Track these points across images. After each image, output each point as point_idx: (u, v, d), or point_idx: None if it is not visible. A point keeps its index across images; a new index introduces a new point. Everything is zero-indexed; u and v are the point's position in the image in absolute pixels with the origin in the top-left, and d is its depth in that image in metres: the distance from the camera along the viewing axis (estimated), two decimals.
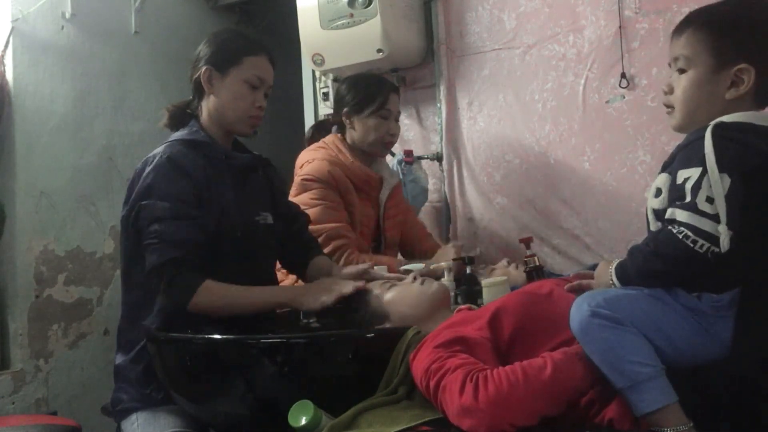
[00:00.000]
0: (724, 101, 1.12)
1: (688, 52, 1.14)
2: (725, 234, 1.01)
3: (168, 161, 1.55)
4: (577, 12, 2.31)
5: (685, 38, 1.15)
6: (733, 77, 1.11)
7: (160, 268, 1.47)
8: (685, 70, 1.15)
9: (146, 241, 1.50)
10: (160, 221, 1.50)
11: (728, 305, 1.06)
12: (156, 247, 1.48)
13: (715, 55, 1.12)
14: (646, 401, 1.01)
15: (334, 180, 2.04)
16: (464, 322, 1.24)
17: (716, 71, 1.12)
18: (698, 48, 1.13)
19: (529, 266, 1.71)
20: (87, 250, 2.69)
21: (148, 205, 1.51)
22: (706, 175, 1.03)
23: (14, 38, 2.44)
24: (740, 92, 1.11)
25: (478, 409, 1.00)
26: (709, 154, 1.03)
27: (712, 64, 1.12)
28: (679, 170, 1.08)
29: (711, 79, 1.13)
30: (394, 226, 2.24)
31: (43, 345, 2.51)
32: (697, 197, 1.03)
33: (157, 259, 1.48)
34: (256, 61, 1.68)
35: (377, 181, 2.18)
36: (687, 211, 1.04)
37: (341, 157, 2.10)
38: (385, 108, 2.12)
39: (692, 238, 1.02)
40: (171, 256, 1.48)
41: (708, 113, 1.12)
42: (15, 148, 2.45)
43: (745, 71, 1.10)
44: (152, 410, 1.53)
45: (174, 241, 1.49)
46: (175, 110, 1.73)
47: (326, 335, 1.46)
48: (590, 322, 1.06)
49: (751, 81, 1.09)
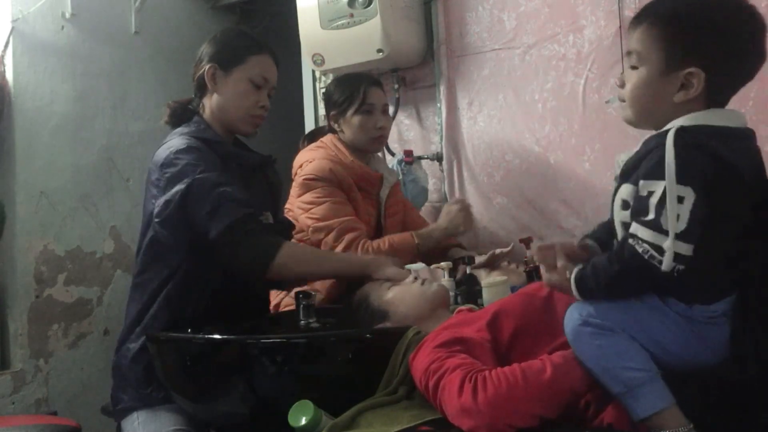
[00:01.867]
0: (673, 104, 1.07)
1: (641, 48, 1.10)
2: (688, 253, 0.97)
3: (194, 149, 1.56)
4: (577, 12, 2.31)
5: (639, 33, 1.10)
6: (683, 80, 1.06)
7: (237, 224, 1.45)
8: (637, 66, 1.11)
9: (212, 206, 1.47)
10: (220, 185, 1.49)
11: (721, 314, 1.06)
12: (226, 207, 1.47)
13: (666, 57, 1.07)
14: (642, 406, 1.01)
15: (336, 178, 2.03)
16: (464, 323, 1.24)
17: (666, 73, 1.07)
18: (650, 46, 1.08)
19: (529, 266, 1.71)
20: (87, 250, 2.69)
21: (201, 178, 1.50)
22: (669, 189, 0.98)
23: (14, 38, 2.45)
24: (689, 96, 1.06)
25: (477, 409, 1.00)
26: (670, 165, 0.98)
27: (662, 65, 1.07)
28: (642, 180, 1.03)
29: (660, 79, 1.08)
30: (394, 224, 2.23)
31: (43, 345, 2.52)
32: (661, 215, 0.98)
33: (230, 217, 1.46)
34: (261, 60, 1.68)
35: (377, 179, 2.18)
36: (650, 229, 0.99)
37: (341, 156, 2.10)
38: (366, 103, 2.10)
39: (658, 258, 0.99)
40: (245, 213, 1.48)
41: (657, 113, 1.09)
42: (15, 148, 2.45)
43: (695, 75, 1.04)
44: (153, 409, 1.53)
45: (241, 200, 1.50)
46: (177, 107, 1.72)
47: (326, 335, 1.46)
48: (581, 331, 1.05)
49: (701, 85, 1.04)
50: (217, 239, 1.46)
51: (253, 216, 1.50)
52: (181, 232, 1.52)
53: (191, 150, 1.55)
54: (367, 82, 2.15)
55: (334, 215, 1.98)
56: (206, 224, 1.47)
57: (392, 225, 2.22)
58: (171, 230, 1.53)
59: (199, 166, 1.51)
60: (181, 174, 1.51)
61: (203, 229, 1.48)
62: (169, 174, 1.52)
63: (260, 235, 1.49)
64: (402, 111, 2.66)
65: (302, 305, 1.55)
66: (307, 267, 1.55)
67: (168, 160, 1.54)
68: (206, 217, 1.47)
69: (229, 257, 1.48)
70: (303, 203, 2.00)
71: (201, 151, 1.56)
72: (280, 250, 1.48)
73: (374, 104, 2.12)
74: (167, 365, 1.46)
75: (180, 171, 1.51)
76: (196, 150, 1.55)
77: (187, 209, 1.49)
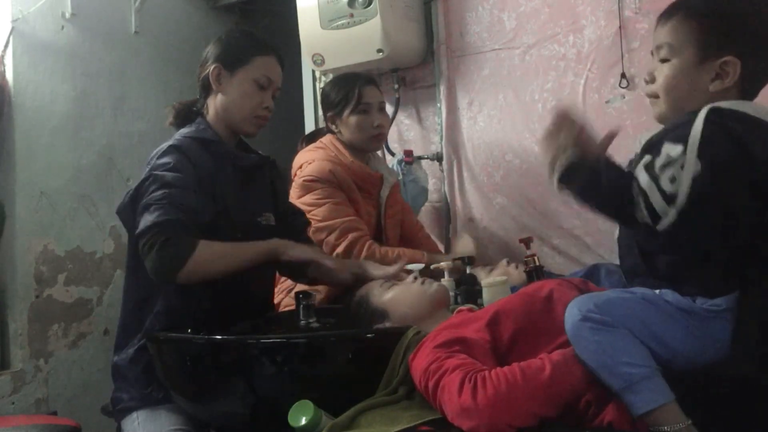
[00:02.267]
0: (708, 93, 1.08)
1: (673, 40, 1.10)
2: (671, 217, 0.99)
3: (176, 149, 1.56)
4: (577, 12, 2.31)
5: (671, 26, 1.11)
6: (718, 69, 1.07)
7: (162, 224, 1.43)
8: (669, 59, 1.11)
9: (149, 202, 1.46)
10: (169, 186, 1.48)
11: (724, 309, 1.06)
12: (161, 206, 1.45)
13: (701, 47, 1.08)
14: (642, 401, 1.01)
15: (336, 179, 2.03)
16: (464, 323, 1.24)
17: (701, 63, 1.08)
18: (683, 38, 1.09)
19: (529, 266, 1.71)
20: (87, 250, 2.69)
21: (158, 175, 1.50)
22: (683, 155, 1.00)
23: (14, 38, 2.44)
24: (725, 85, 1.07)
25: (477, 409, 1.01)
26: (695, 136, 1.00)
27: (696, 56, 1.08)
28: (666, 142, 1.05)
29: (695, 69, 1.09)
30: (394, 225, 2.24)
31: (43, 345, 2.51)
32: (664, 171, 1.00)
33: (160, 216, 1.43)
34: (266, 61, 1.68)
35: (377, 179, 2.18)
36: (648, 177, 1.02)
37: (340, 156, 2.10)
38: (362, 103, 2.10)
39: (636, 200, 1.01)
40: (176, 217, 1.45)
41: (692, 104, 1.09)
42: (15, 148, 2.45)
43: (730, 64, 1.06)
44: (152, 409, 1.53)
45: (181, 204, 1.47)
46: (181, 108, 1.73)
47: (326, 335, 1.46)
48: (581, 326, 1.06)
49: (737, 74, 1.06)
50: (138, 235, 1.46)
51: (180, 222, 1.45)
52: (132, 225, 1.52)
53: (172, 150, 1.55)
54: (362, 81, 2.15)
55: (336, 216, 1.98)
56: (138, 218, 1.47)
57: (392, 225, 2.22)
58: (124, 221, 1.56)
59: (166, 165, 1.51)
60: (149, 171, 1.53)
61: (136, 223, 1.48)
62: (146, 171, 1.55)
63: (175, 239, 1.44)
64: (402, 111, 2.66)
65: (302, 305, 1.55)
66: (222, 262, 1.51)
67: (151, 158, 1.57)
68: (140, 212, 1.47)
69: (143, 256, 1.46)
70: (303, 205, 1.99)
71: (182, 153, 1.55)
72: (191, 255, 1.44)
73: (370, 103, 2.12)
74: (167, 365, 1.46)
75: (150, 168, 1.53)
76: (176, 150, 1.55)
77: (134, 202, 1.51)
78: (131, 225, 1.52)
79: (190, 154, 1.56)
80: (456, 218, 2.59)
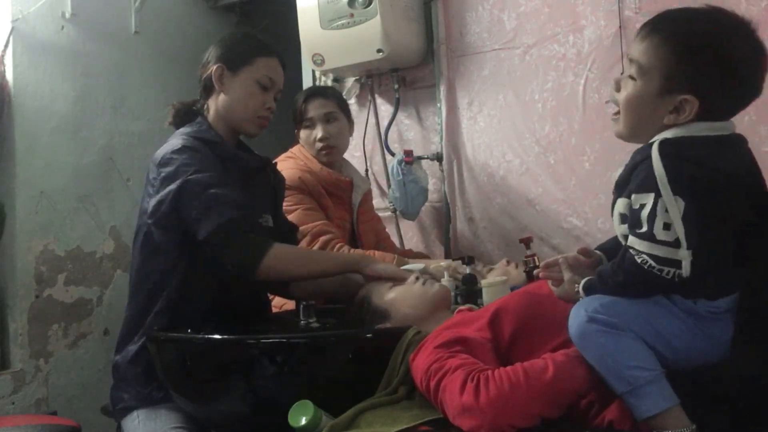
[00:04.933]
0: (662, 124, 1.09)
1: (644, 62, 1.10)
2: (687, 258, 1.00)
3: (190, 149, 1.55)
4: (577, 12, 2.31)
5: (645, 46, 1.10)
6: (677, 104, 1.07)
7: (229, 224, 1.45)
8: (635, 78, 1.12)
9: (204, 206, 1.47)
10: (213, 186, 1.49)
11: (725, 311, 1.07)
12: (218, 208, 1.46)
13: (665, 78, 1.08)
14: (646, 405, 1.01)
15: (305, 185, 2.07)
16: (464, 322, 1.24)
17: (661, 94, 1.08)
18: (651, 64, 1.09)
19: (529, 266, 1.71)
20: (87, 250, 2.69)
21: (194, 179, 1.49)
22: (660, 200, 1.02)
23: (14, 38, 2.44)
24: (679, 120, 1.08)
25: (479, 409, 1.00)
26: (661, 177, 1.01)
27: (659, 86, 1.08)
28: (633, 194, 1.06)
29: (655, 99, 1.09)
30: (368, 230, 2.27)
31: (43, 345, 2.52)
32: (654, 227, 1.02)
33: (222, 216, 1.45)
34: (269, 62, 1.69)
35: (347, 183, 2.22)
36: (646, 240, 1.03)
37: (309, 164, 2.14)
38: (306, 118, 2.17)
39: (656, 267, 1.02)
40: (238, 214, 1.47)
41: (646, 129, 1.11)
42: (15, 148, 2.45)
43: (689, 102, 1.06)
44: (153, 408, 1.53)
45: (234, 201, 1.49)
46: (181, 107, 1.73)
47: (326, 335, 1.46)
48: (588, 328, 1.05)
49: (693, 112, 1.07)
50: (205, 240, 1.47)
51: (244, 218, 1.49)
52: (173, 232, 1.53)
53: (187, 150, 1.55)
54: (306, 95, 2.20)
55: (307, 221, 2.00)
56: (196, 225, 1.48)
57: (366, 231, 2.24)
58: (163, 230, 1.54)
59: (193, 166, 1.51)
60: (174, 174, 1.51)
61: (193, 230, 1.48)
62: (164, 173, 1.53)
63: (249, 237, 1.49)
64: (402, 111, 2.66)
65: (302, 305, 1.55)
66: (296, 266, 1.55)
67: (164, 159, 1.55)
68: (196, 219, 1.47)
69: (218, 258, 1.48)
70: None
71: (197, 152, 1.55)
72: (268, 251, 1.47)
73: (312, 117, 2.17)
74: (167, 365, 1.46)
75: (174, 171, 1.52)
76: (192, 150, 1.55)
77: (179, 210, 1.50)
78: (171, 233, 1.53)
79: (204, 153, 1.57)
80: (456, 218, 2.59)
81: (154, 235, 1.55)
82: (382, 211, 2.60)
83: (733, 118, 1.12)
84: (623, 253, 1.07)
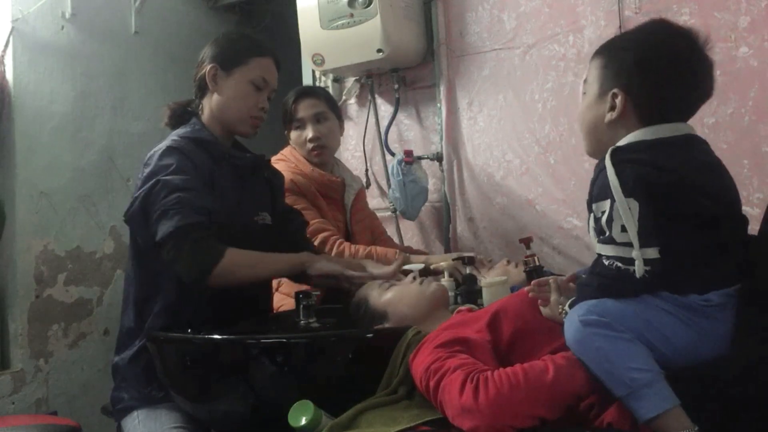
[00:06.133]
0: (605, 125, 1.17)
1: (588, 76, 1.22)
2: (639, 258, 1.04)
3: (175, 150, 1.55)
4: (577, 12, 2.31)
5: (590, 64, 1.22)
6: (610, 101, 1.16)
7: (184, 229, 1.44)
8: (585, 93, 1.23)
9: (164, 208, 1.46)
10: (181, 190, 1.48)
11: (717, 305, 1.07)
12: (178, 211, 1.45)
13: (600, 81, 1.18)
14: (646, 407, 1.00)
15: (297, 187, 2.07)
16: (464, 323, 1.24)
17: (599, 96, 1.18)
18: (591, 74, 1.21)
19: (529, 266, 1.71)
20: (87, 250, 2.69)
21: (166, 180, 1.49)
22: (615, 204, 1.06)
23: (14, 38, 2.44)
24: (614, 116, 1.15)
25: (478, 409, 1.00)
26: (613, 182, 1.06)
27: (596, 90, 1.19)
28: (594, 204, 1.13)
29: (596, 102, 1.19)
30: (363, 230, 2.26)
31: (43, 345, 2.51)
32: (612, 230, 1.07)
33: (180, 221, 1.44)
34: (263, 62, 1.69)
35: (339, 184, 2.22)
36: (608, 244, 1.09)
37: (300, 166, 2.14)
38: (296, 119, 2.17)
39: (623, 267, 1.06)
40: (196, 220, 1.46)
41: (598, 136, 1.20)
42: (15, 148, 2.45)
43: (617, 96, 1.15)
44: (153, 408, 1.53)
45: (198, 206, 1.48)
46: (176, 108, 1.73)
47: (326, 335, 1.46)
48: (583, 332, 1.06)
49: (621, 105, 1.14)
50: (160, 242, 1.46)
51: (201, 224, 1.47)
52: (145, 231, 1.52)
53: (171, 151, 1.55)
54: (296, 95, 2.19)
55: None
56: (155, 226, 1.47)
57: (360, 230, 2.24)
58: (135, 228, 1.56)
59: (170, 168, 1.51)
60: (152, 174, 1.52)
61: (153, 230, 1.48)
62: (145, 173, 1.54)
63: (202, 243, 1.46)
64: (402, 111, 2.66)
65: (302, 305, 1.55)
66: (249, 271, 1.53)
67: (148, 159, 1.57)
68: (156, 219, 1.47)
69: (171, 261, 1.47)
70: None
71: (182, 153, 1.55)
72: (221, 260, 1.46)
73: (303, 118, 2.16)
74: (167, 365, 1.46)
75: (152, 171, 1.52)
76: (176, 151, 1.55)
77: (146, 210, 1.50)
78: (143, 231, 1.52)
79: (190, 155, 1.56)
80: (456, 218, 2.59)
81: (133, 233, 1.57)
82: (382, 211, 2.60)
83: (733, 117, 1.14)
84: (595, 261, 1.13)
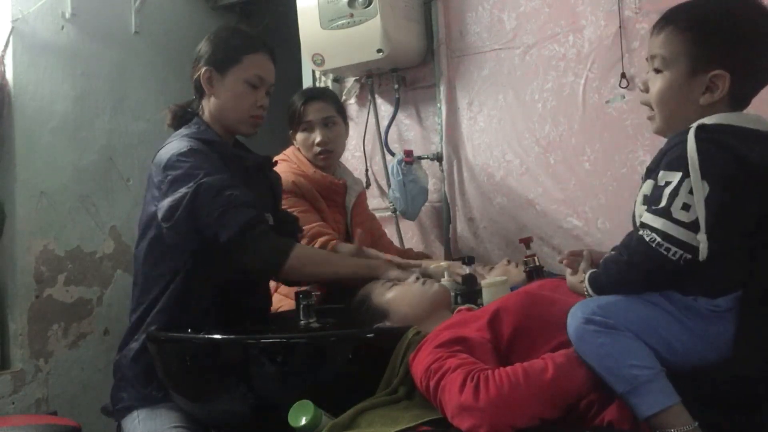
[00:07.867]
0: (699, 106, 1.10)
1: (665, 52, 1.12)
2: (704, 242, 1.00)
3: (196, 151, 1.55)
4: (577, 12, 2.31)
5: (663, 37, 1.13)
6: (708, 83, 1.09)
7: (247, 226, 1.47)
8: (661, 70, 1.13)
9: (221, 209, 1.47)
10: (227, 188, 1.50)
11: (725, 310, 1.06)
12: (236, 209, 1.47)
13: (691, 60, 1.09)
14: (647, 404, 1.01)
15: (299, 189, 2.07)
16: (464, 322, 1.24)
17: (691, 76, 1.10)
18: (675, 50, 1.11)
19: (529, 266, 1.71)
20: (87, 250, 2.68)
21: (207, 181, 1.49)
22: (687, 180, 1.02)
23: (14, 38, 2.44)
24: (714, 98, 1.09)
25: (478, 409, 1.00)
26: (693, 159, 1.01)
27: (687, 69, 1.10)
28: (662, 171, 1.07)
29: (686, 83, 1.11)
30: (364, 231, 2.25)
31: (43, 345, 2.51)
32: (672, 204, 1.02)
33: (243, 218, 1.47)
34: (256, 59, 1.67)
35: (341, 186, 2.22)
36: (660, 217, 1.03)
37: (303, 167, 2.14)
38: (304, 121, 2.15)
39: (665, 245, 1.02)
40: (254, 214, 1.49)
41: (684, 117, 1.11)
42: (15, 148, 2.45)
43: (720, 77, 1.08)
44: (153, 407, 1.53)
45: (248, 202, 1.51)
46: (177, 109, 1.72)
47: (326, 335, 1.46)
48: (585, 329, 1.05)
49: (726, 87, 1.08)
50: (228, 243, 1.47)
51: (260, 218, 1.51)
52: (189, 235, 1.52)
53: (194, 152, 1.54)
54: (306, 98, 2.18)
55: (303, 223, 1.99)
56: (216, 228, 1.48)
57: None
58: (177, 233, 1.53)
59: (203, 169, 1.51)
60: (185, 177, 1.51)
61: (212, 232, 1.48)
62: (171, 176, 1.52)
63: (270, 237, 1.51)
64: (402, 111, 2.66)
65: (302, 305, 1.55)
66: (316, 268, 1.57)
67: (170, 162, 1.54)
68: (216, 222, 1.48)
69: (242, 260, 1.49)
70: None
71: (203, 154, 1.55)
72: (291, 252, 1.50)
73: (311, 121, 2.15)
74: (167, 365, 1.46)
75: (184, 174, 1.51)
76: (198, 152, 1.55)
77: (194, 213, 1.49)
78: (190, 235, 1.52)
79: (209, 154, 1.57)
80: (456, 218, 2.59)
81: (167, 238, 1.55)
82: (382, 211, 2.60)
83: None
84: (632, 233, 1.08)
